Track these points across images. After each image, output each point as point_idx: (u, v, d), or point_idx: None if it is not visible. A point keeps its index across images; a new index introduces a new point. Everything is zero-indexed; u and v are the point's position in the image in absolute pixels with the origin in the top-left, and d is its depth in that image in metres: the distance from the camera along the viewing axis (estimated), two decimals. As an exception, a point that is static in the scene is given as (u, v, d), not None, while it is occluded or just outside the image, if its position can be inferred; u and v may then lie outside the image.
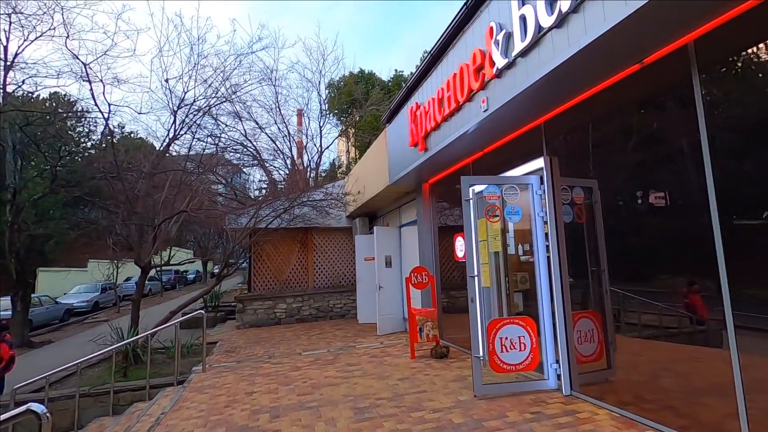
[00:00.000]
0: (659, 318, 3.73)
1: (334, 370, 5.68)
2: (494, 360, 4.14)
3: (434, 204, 7.52)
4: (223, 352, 7.89)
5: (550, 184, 4.32)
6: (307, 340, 8.52)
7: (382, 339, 7.88)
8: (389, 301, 8.73)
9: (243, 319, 11.07)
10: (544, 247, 4.43)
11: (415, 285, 6.24)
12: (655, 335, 3.81)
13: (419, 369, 5.43)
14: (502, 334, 4.19)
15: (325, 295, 11.55)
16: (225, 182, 15.56)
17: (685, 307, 3.47)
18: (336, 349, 7.15)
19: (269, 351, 7.55)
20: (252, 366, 6.35)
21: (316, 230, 12.01)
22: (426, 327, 5.99)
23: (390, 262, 8.99)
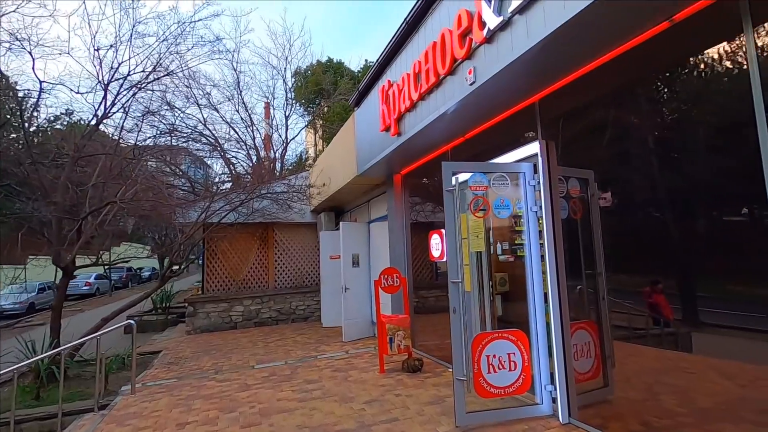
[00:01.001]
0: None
1: (289, 390, 4.84)
2: (480, 383, 3.45)
3: (407, 197, 6.79)
4: (164, 365, 6.86)
5: (546, 173, 3.66)
6: (264, 347, 7.61)
7: (347, 347, 7.10)
8: (356, 305, 7.94)
9: (194, 323, 9.98)
10: (538, 247, 3.78)
11: (385, 289, 5.48)
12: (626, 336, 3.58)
13: (389, 387, 4.69)
14: (489, 351, 3.50)
15: (287, 297, 10.62)
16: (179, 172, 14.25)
17: (649, 307, 3.29)
18: (295, 361, 6.30)
19: (218, 363, 6.60)
20: (193, 384, 5.41)
21: (277, 226, 11.05)
22: (397, 337, 5.25)
23: (357, 261, 8.21)
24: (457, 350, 3.49)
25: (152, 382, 5.66)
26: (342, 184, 7.95)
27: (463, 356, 3.50)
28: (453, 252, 3.62)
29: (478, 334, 3.50)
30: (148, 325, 12.17)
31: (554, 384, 3.54)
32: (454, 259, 3.60)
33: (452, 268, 3.58)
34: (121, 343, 10.02)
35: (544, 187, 3.65)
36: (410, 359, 5.21)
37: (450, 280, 3.56)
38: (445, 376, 4.95)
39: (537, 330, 3.66)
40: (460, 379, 3.43)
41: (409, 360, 5.20)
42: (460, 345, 3.50)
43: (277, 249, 11.08)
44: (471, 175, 3.71)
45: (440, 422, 3.61)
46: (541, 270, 3.73)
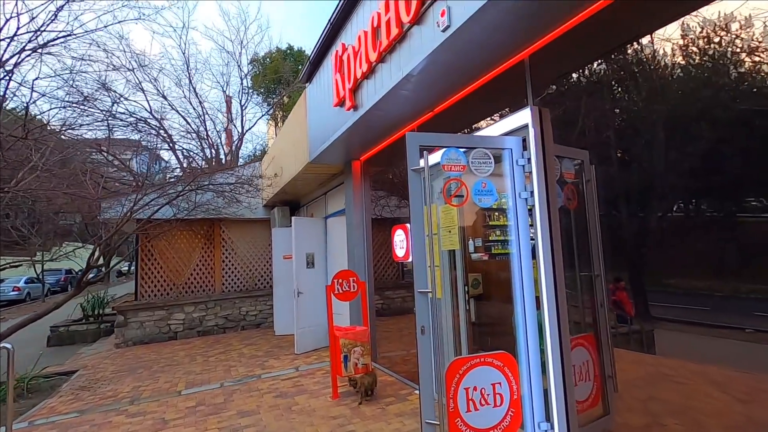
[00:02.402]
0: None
1: (216, 428, 3.83)
2: (456, 425, 2.59)
3: (368, 188, 5.87)
4: (72, 391, 5.63)
5: (540, 149, 2.84)
6: (203, 364, 6.50)
7: (299, 361, 6.12)
8: (311, 310, 6.96)
9: (125, 335, 8.67)
10: (528, 244, 2.96)
11: (340, 296, 4.55)
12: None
13: (343, 420, 3.77)
14: (469, 382, 2.64)
15: (236, 301, 9.47)
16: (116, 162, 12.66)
17: (613, 304, 3.19)
18: (233, 382, 5.26)
19: (140, 387, 5.45)
20: (95, 422, 4.27)
21: (225, 222, 9.86)
22: (354, 354, 4.34)
23: (312, 262, 7.22)
24: (426, 383, 2.62)
25: (43, 419, 4.47)
26: (294, 173, 6.93)
27: (433, 390, 2.63)
28: (420, 252, 2.74)
29: (455, 361, 2.63)
30: (77, 335, 10.64)
31: (551, 421, 2.74)
32: (422, 262, 2.72)
33: (419, 274, 2.69)
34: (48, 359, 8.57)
35: (537, 168, 2.83)
36: (362, 376, 4.26)
37: (416, 289, 2.67)
38: (411, 401, 4.09)
39: (528, 350, 2.84)
40: (430, 423, 2.56)
41: (360, 377, 4.26)
42: (429, 375, 2.63)
43: (225, 248, 9.89)
44: (444, 152, 2.84)
45: (405, 477, 2.73)
46: (531, 272, 2.91)
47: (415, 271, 2.68)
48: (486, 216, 6.27)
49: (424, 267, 2.70)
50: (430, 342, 2.63)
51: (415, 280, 2.66)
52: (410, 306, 6.05)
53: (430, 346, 2.63)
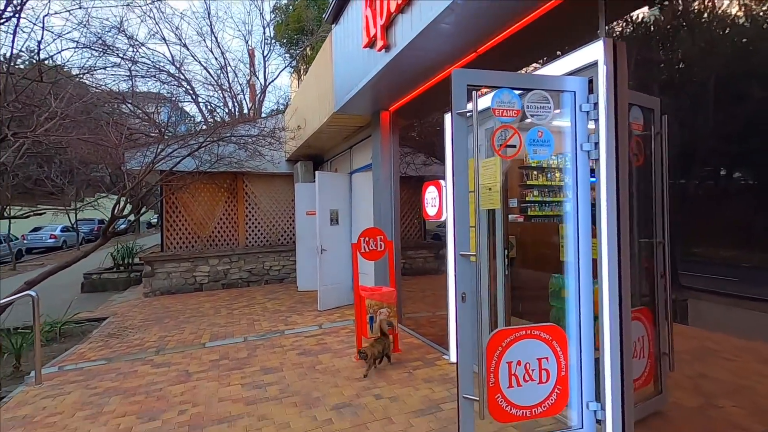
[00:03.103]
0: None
1: (239, 383, 3.75)
2: (496, 401, 2.35)
3: (396, 141, 5.47)
4: (102, 338, 5.73)
5: (611, 92, 2.38)
6: (227, 316, 6.52)
7: (322, 318, 6.03)
8: (334, 268, 6.81)
9: (152, 284, 8.82)
10: (588, 204, 2.57)
11: (366, 255, 4.30)
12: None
13: (368, 384, 3.62)
14: (512, 355, 2.37)
15: (259, 256, 9.46)
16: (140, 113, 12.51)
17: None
18: (257, 337, 5.21)
19: (166, 337, 5.49)
20: (122, 370, 4.29)
21: (248, 176, 9.69)
22: (379, 315, 4.14)
23: (336, 219, 6.99)
24: (466, 355, 2.35)
25: (72, 365, 4.52)
26: (319, 125, 6.56)
27: (472, 364, 2.38)
28: (463, 211, 2.39)
29: (498, 332, 2.35)
30: (109, 283, 11.02)
31: (601, 401, 2.47)
32: (465, 222, 2.38)
33: (462, 235, 2.36)
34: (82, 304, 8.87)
35: (607, 115, 2.39)
36: (370, 344, 3.94)
37: (458, 251, 2.35)
38: (439, 367, 3.90)
39: (579, 322, 2.53)
40: (468, 398, 2.32)
41: (368, 347, 3.87)
42: (470, 347, 2.37)
43: (248, 202, 9.77)
44: (496, 93, 2.41)
45: (436, 450, 2.54)
46: (590, 236, 2.54)
47: (457, 231, 2.34)
48: (523, 175, 5.82)
49: (466, 227, 2.37)
50: (471, 311, 2.33)
51: (457, 241, 2.33)
52: (432, 267, 5.79)
53: (471, 315, 2.34)
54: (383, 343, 3.93)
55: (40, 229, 21.45)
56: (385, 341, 3.96)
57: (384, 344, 3.93)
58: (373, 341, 3.92)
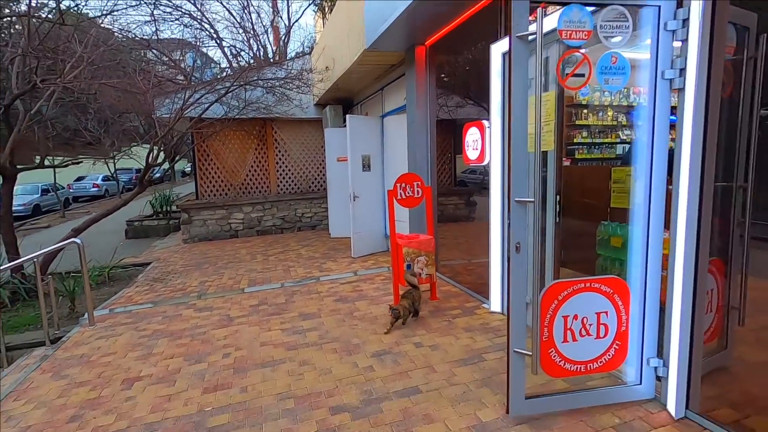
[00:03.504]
0: None
1: (279, 328, 3.80)
2: (549, 355, 2.21)
3: (433, 79, 5.07)
4: (147, 282, 5.97)
5: (709, 7, 1.97)
6: (263, 262, 6.63)
7: (356, 265, 6.02)
8: (367, 215, 6.71)
9: (190, 231, 9.07)
10: (666, 142, 2.25)
11: (402, 201, 4.12)
12: None
13: (407, 332, 3.58)
14: (568, 309, 2.20)
15: (291, 203, 9.48)
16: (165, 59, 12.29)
17: None
18: (293, 283, 5.27)
19: (206, 282, 5.65)
20: (168, 313, 4.45)
21: (277, 122, 9.48)
22: (417, 264, 4.02)
23: (368, 164, 6.77)
24: (518, 308, 2.19)
25: (122, 308, 4.72)
26: (348, 65, 6.17)
27: (525, 318, 2.22)
28: (521, 152, 2.12)
29: (554, 285, 2.16)
30: (151, 230, 11.48)
31: (664, 357, 2.29)
32: (522, 164, 2.12)
33: (518, 179, 2.11)
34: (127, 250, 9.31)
35: (701, 35, 1.99)
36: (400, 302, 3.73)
37: (514, 198, 2.12)
38: (479, 316, 3.81)
39: (645, 274, 2.30)
40: (519, 353, 2.19)
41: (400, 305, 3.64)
42: (522, 300, 2.20)
43: (278, 149, 9.64)
44: (564, 11, 2.04)
45: (482, 401, 2.47)
46: (665, 179, 2.24)
47: (514, 176, 2.10)
48: (572, 114, 5.34)
49: (524, 170, 2.11)
50: (525, 263, 2.14)
51: (513, 187, 2.09)
52: (463, 213, 5.55)
53: (524, 267, 2.15)
54: (412, 296, 3.75)
55: (83, 178, 22.37)
56: (415, 294, 3.77)
57: (413, 297, 3.74)
58: (403, 295, 3.77)
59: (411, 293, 3.74)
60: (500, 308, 3.80)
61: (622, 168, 3.21)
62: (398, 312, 3.54)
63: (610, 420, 2.22)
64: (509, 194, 2.12)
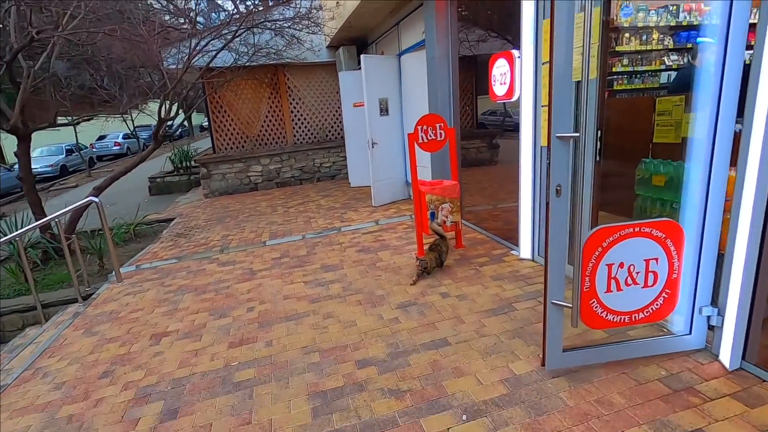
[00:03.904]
0: None
1: (301, 281, 3.75)
2: (590, 306, 2.03)
3: (455, 8, 4.57)
4: (171, 237, 6.02)
5: None
6: (283, 214, 6.57)
7: (378, 214, 5.87)
8: (387, 162, 6.45)
9: (210, 186, 9.06)
10: (741, 61, 1.88)
11: (424, 145, 3.84)
12: None
13: (433, 282, 3.45)
14: (614, 257, 1.98)
15: (308, 153, 9.26)
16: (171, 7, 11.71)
17: None
18: (314, 234, 5.18)
19: (228, 236, 5.64)
20: (191, 268, 4.46)
21: (289, 68, 9.04)
22: (441, 211, 3.82)
23: (386, 108, 6.41)
24: (557, 256, 1.99)
25: (148, 264, 4.77)
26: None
27: (564, 268, 2.02)
28: (563, 79, 1.81)
29: (599, 230, 1.93)
30: (173, 186, 11.61)
31: (718, 305, 2.08)
32: (565, 93, 1.82)
33: (561, 112, 1.82)
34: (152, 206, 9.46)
35: None
36: (426, 254, 3.61)
37: (554, 133, 1.84)
38: (507, 263, 3.63)
39: (704, 218, 2.04)
40: (557, 305, 2.02)
41: (428, 258, 3.49)
42: (562, 247, 1.99)
43: (292, 97, 9.27)
44: None
45: (515, 352, 2.35)
46: (735, 111, 1.91)
47: (555, 108, 1.81)
48: (613, 39, 4.77)
49: (567, 101, 1.82)
50: (565, 205, 1.90)
51: (554, 119, 1.81)
52: (485, 157, 5.22)
53: (564, 211, 1.92)
54: (439, 247, 3.58)
55: (104, 137, 22.56)
56: (442, 244, 3.61)
57: (440, 249, 3.57)
58: (430, 247, 3.61)
59: (438, 245, 3.58)
60: (530, 255, 3.61)
61: (668, 98, 2.82)
62: (425, 263, 3.41)
63: (655, 372, 2.07)
64: (549, 130, 1.84)
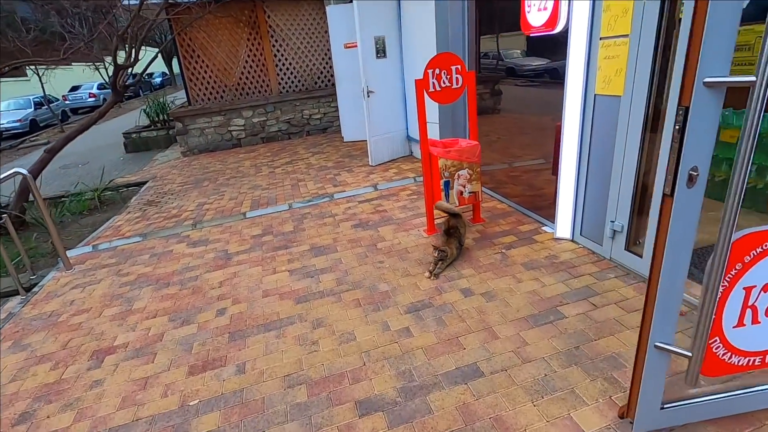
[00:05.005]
0: None
1: (285, 270, 3.04)
2: (710, 347, 1.34)
3: None
4: (139, 206, 5.25)
5: None
6: (268, 176, 5.77)
7: (375, 176, 5.08)
8: (385, 114, 5.55)
9: (188, 143, 8.13)
10: None
11: (436, 95, 2.99)
12: None
13: (448, 272, 2.75)
14: (756, 277, 1.26)
15: (296, 104, 8.26)
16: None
17: None
18: (303, 203, 4.42)
19: (205, 204, 4.88)
20: (156, 249, 3.74)
21: (269, 4, 7.80)
22: (458, 180, 3.05)
23: (383, 49, 5.40)
24: (672, 280, 1.26)
25: (106, 244, 4.04)
26: None
27: (681, 294, 1.30)
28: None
29: (745, 236, 1.20)
30: (151, 142, 10.61)
31: None
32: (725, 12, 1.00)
33: (716, 39, 1.02)
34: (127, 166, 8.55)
35: None
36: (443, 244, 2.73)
37: (702, 76, 1.04)
38: (541, 244, 2.92)
39: None
40: (663, 348, 1.32)
41: (447, 248, 2.70)
42: (681, 266, 1.26)
43: (275, 39, 8.10)
44: None
45: (576, 391, 1.70)
46: None
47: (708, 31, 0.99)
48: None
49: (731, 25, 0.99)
50: (699, 199, 1.14)
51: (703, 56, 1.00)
52: (488, 105, 4.35)
53: (696, 209, 1.16)
54: (458, 232, 2.79)
55: (78, 88, 20.96)
56: (459, 226, 2.81)
57: (459, 232, 2.79)
58: (446, 230, 2.80)
59: (457, 229, 2.82)
60: (569, 234, 2.90)
61: None
62: (445, 254, 2.68)
63: (792, 434, 1.42)
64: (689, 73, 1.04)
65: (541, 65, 3.52)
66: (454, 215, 2.82)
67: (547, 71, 3.46)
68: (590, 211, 2.71)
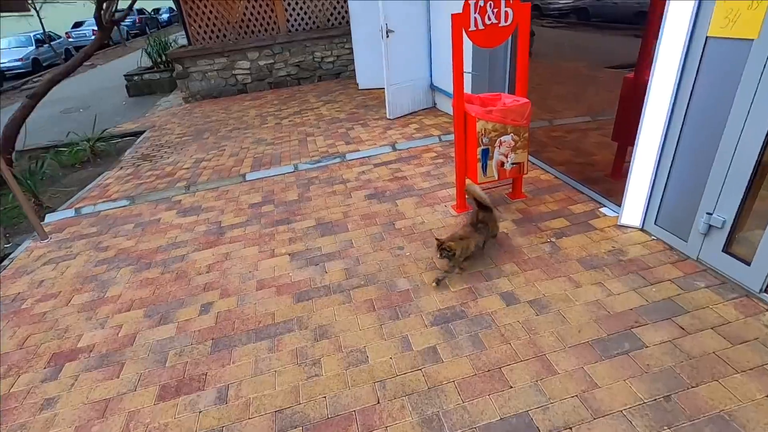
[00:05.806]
0: None
1: (286, 253, 2.54)
2: None
3: None
4: (133, 161, 4.77)
5: None
6: (274, 128, 5.17)
7: (394, 132, 4.43)
8: (406, 58, 4.77)
9: (189, 87, 7.46)
10: None
11: (479, 35, 2.28)
12: None
13: (484, 266, 2.21)
14: None
15: (306, 45, 7.40)
16: None
17: None
18: (311, 164, 3.85)
19: (200, 163, 4.36)
20: (143, 216, 3.27)
21: None
22: (500, 147, 2.42)
23: (407, -23, 4.52)
24: None
25: (91, 208, 3.58)
26: None
27: None
28: None
29: None
30: (154, 85, 9.94)
31: None
32: None
33: None
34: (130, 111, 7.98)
35: None
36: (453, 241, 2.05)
37: None
38: (600, 232, 2.33)
39: None
40: None
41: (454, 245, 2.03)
42: None
43: (281, -33, 7.10)
44: None
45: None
46: None
47: None
48: None
49: None
50: None
51: None
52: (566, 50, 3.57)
53: None
54: (486, 227, 2.18)
55: (81, 24, 19.94)
56: (488, 219, 2.18)
57: (485, 232, 2.18)
58: (471, 222, 2.19)
59: (486, 225, 2.17)
60: (639, 222, 2.29)
61: None
62: (451, 254, 2.04)
63: None
64: None
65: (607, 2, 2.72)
66: (485, 208, 2.20)
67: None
68: (674, 194, 2.09)
